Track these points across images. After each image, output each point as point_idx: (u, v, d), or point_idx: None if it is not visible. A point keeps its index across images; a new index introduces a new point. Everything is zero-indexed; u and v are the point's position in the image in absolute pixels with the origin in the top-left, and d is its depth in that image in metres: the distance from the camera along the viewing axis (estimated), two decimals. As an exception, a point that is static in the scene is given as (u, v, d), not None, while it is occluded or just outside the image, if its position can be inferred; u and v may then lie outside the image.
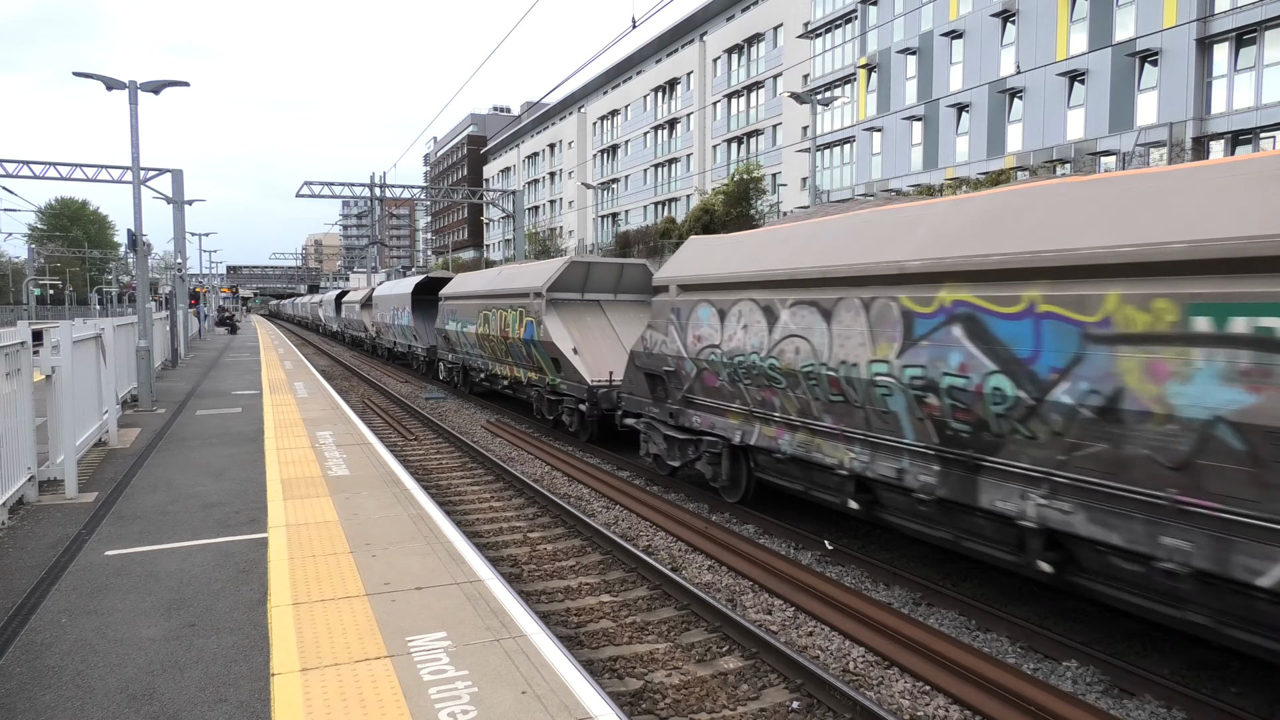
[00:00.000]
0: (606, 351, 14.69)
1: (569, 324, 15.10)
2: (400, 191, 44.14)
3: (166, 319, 26.76)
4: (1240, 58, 26.85)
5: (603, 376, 13.93)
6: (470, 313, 19.45)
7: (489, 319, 18.03)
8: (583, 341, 14.75)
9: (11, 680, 4.40)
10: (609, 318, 15.81)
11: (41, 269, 77.97)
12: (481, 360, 19.55)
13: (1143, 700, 5.47)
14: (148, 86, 17.52)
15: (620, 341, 14.91)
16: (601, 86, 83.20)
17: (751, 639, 6.19)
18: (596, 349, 14.74)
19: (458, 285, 21.64)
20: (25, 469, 8.06)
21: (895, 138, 40.47)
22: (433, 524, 7.31)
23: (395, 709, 4.04)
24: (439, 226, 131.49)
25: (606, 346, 14.93)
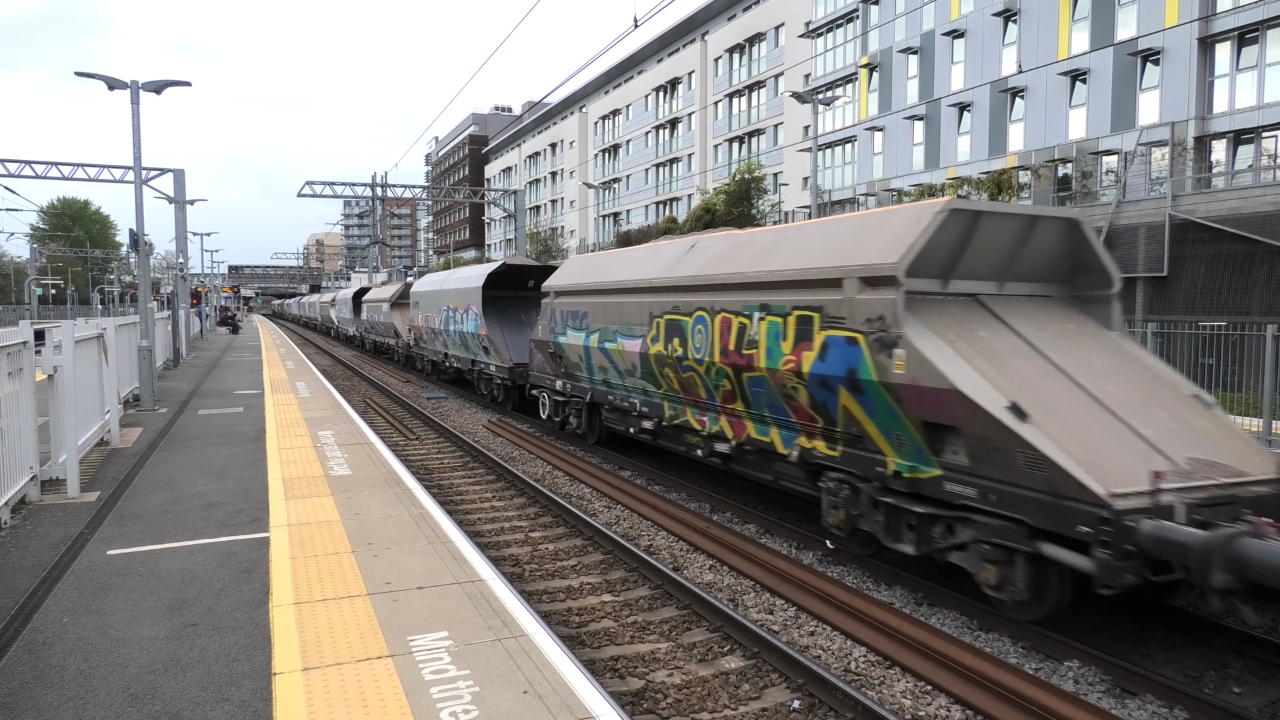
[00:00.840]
0: (1068, 404, 6.50)
1: (956, 342, 6.96)
2: (402, 191, 44.18)
3: (168, 319, 26.78)
4: (1242, 57, 26.82)
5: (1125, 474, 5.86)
6: (626, 317, 11.93)
7: (685, 330, 10.31)
8: (1009, 383, 6.52)
9: (14, 680, 4.41)
10: (1011, 325, 7.43)
11: (43, 269, 78.08)
12: (651, 399, 11.55)
13: (1144, 700, 5.47)
14: (150, 86, 17.53)
15: (1063, 373, 6.84)
16: (603, 86, 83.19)
17: (753, 639, 6.19)
18: (1044, 398, 6.49)
19: (593, 271, 13.77)
20: (27, 468, 8.07)
21: (897, 137, 40.45)
22: (434, 523, 7.31)
23: (397, 708, 4.04)
24: (440, 226, 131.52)
25: (1056, 390, 6.64)
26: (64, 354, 8.81)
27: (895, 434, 7.09)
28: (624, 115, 75.64)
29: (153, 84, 17.58)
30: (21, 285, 80.00)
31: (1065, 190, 30.09)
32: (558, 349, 14.29)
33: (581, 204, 79.89)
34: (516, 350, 17.94)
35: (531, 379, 16.08)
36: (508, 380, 17.99)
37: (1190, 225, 22.65)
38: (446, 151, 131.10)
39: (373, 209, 76.55)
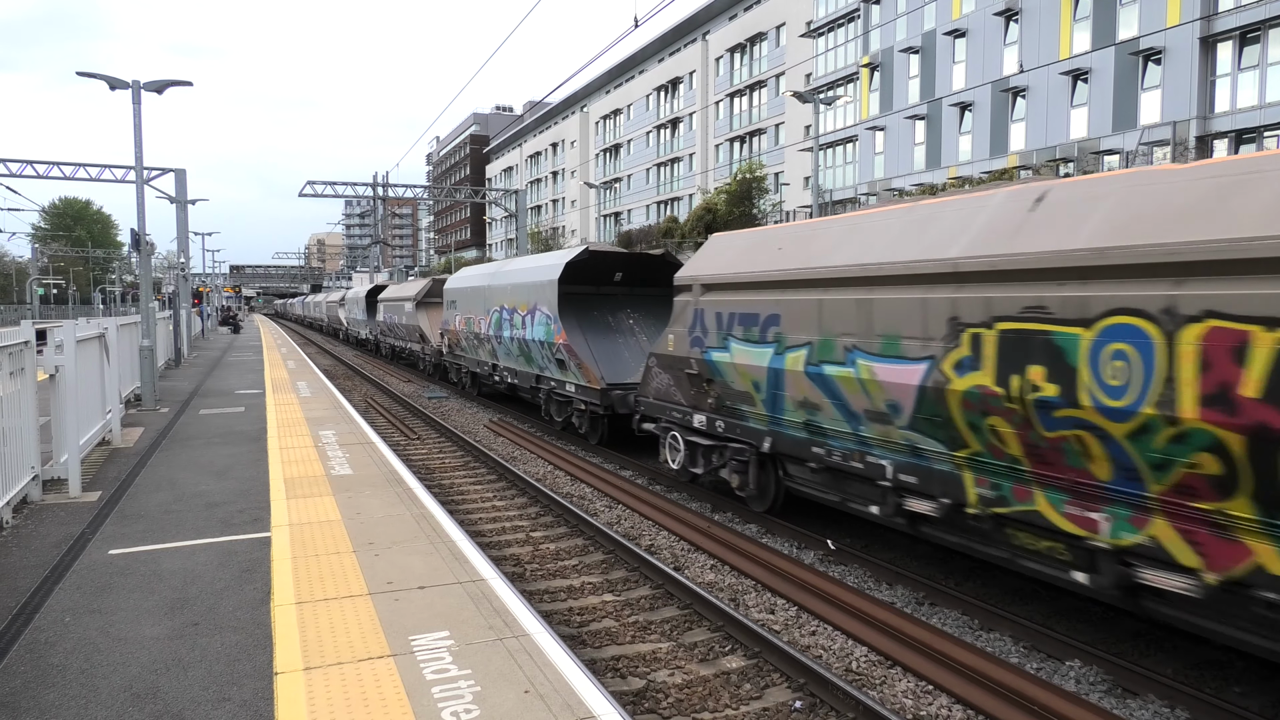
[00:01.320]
0: None
1: None
2: (403, 191, 44.21)
3: (170, 318, 26.80)
4: (1244, 56, 26.79)
5: None
6: (882, 324, 7.20)
7: (1066, 351, 5.60)
8: None
9: (16, 679, 4.41)
10: None
11: (45, 268, 78.18)
12: (933, 465, 6.93)
13: (1146, 700, 5.46)
14: (151, 86, 17.55)
15: None
16: (604, 86, 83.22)
17: (754, 638, 6.19)
18: None
19: (784, 250, 8.90)
20: (29, 468, 8.08)
21: (898, 137, 40.43)
22: (435, 523, 7.31)
23: (398, 708, 4.04)
24: (442, 226, 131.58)
25: None
26: (65, 354, 8.81)
27: None
28: (625, 115, 75.65)
29: (154, 84, 17.59)
30: (23, 285, 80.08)
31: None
32: (708, 370, 9.72)
33: (583, 204, 79.90)
34: (609, 366, 13.65)
35: (643, 408, 11.62)
36: (598, 407, 13.34)
37: (1192, 225, 22.58)
38: (448, 151, 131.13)
39: (374, 209, 76.62)
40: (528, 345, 15.80)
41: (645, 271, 15.49)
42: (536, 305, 15.22)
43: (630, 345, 14.73)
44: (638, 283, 15.58)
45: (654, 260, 15.57)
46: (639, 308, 15.50)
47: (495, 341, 17.75)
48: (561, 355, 14.25)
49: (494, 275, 18.54)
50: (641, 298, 15.63)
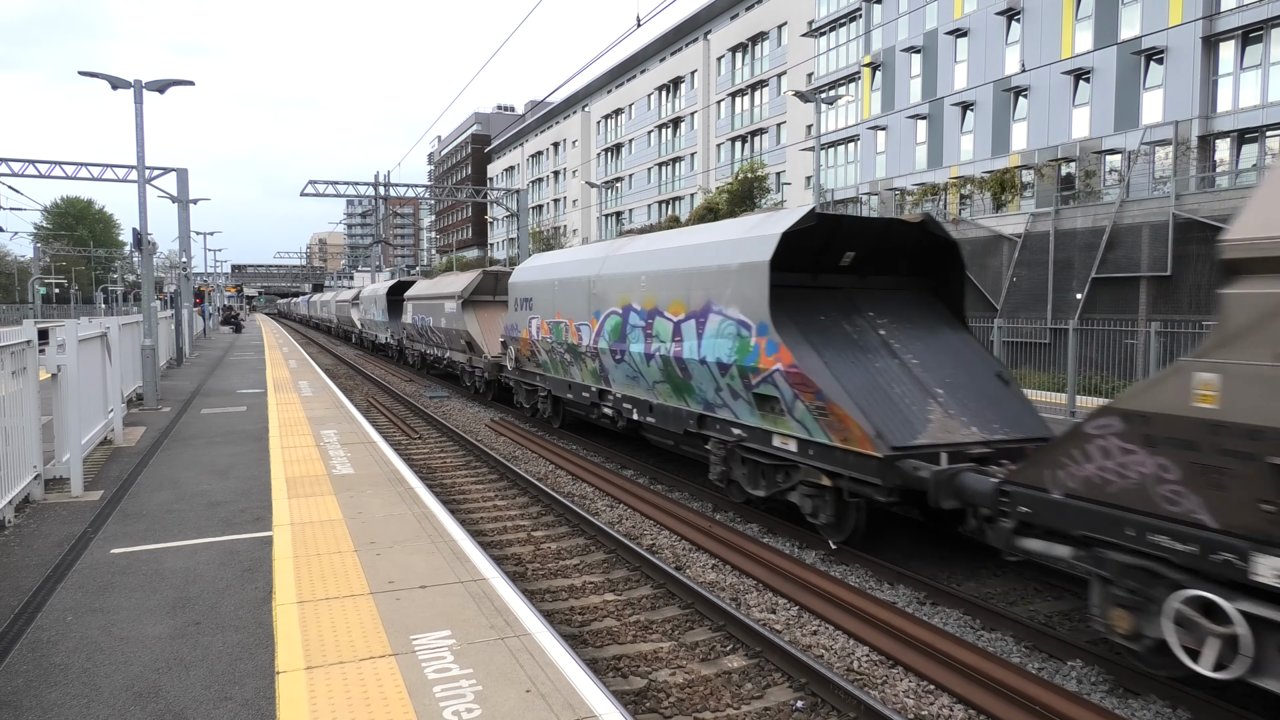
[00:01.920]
0: None
1: None
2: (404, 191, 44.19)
3: (171, 318, 26.82)
4: (1246, 56, 26.76)
5: None
6: None
7: None
8: None
9: (18, 678, 4.42)
10: None
11: (47, 268, 78.25)
12: None
13: (1147, 700, 5.46)
14: (153, 86, 17.56)
15: None
16: (605, 85, 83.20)
17: (755, 638, 6.19)
18: None
19: None
20: (31, 467, 8.09)
21: (900, 136, 40.41)
22: (437, 523, 7.32)
23: (400, 707, 4.04)
24: (443, 225, 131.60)
25: None
26: (67, 353, 8.82)
27: None
28: (626, 114, 75.63)
29: (156, 83, 17.61)
30: (25, 284, 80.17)
31: (1069, 189, 30.05)
32: None
33: (584, 203, 79.90)
34: (881, 415, 7.90)
35: (1065, 520, 5.88)
36: (872, 488, 7.71)
37: (1194, 225, 22.60)
38: (449, 151, 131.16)
39: (375, 208, 76.63)
40: (684, 367, 10.21)
41: (888, 252, 9.95)
42: (712, 303, 9.67)
43: (892, 375, 8.55)
44: (872, 270, 10.01)
45: (906, 232, 9.81)
46: (884, 309, 9.56)
47: (609, 358, 12.27)
48: (775, 390, 8.58)
49: (605, 260, 12.82)
50: (880, 293, 9.90)
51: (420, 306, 25.55)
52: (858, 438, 7.68)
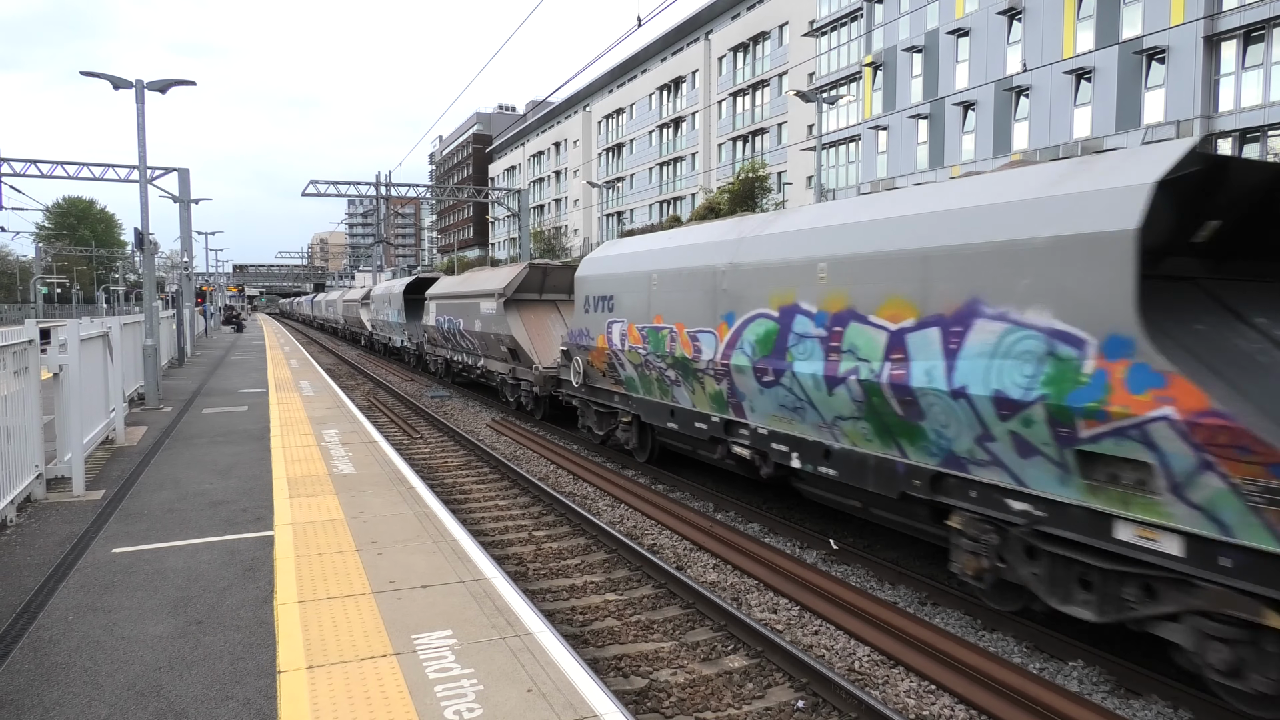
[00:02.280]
0: None
1: None
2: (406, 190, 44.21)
3: (173, 317, 26.84)
4: (1248, 55, 26.74)
5: None
6: None
7: None
8: None
9: (20, 677, 4.42)
10: None
11: (49, 267, 78.34)
12: None
13: (1149, 700, 5.46)
14: (154, 86, 17.57)
15: None
16: (607, 85, 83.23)
17: (756, 638, 6.19)
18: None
19: None
20: (33, 466, 8.10)
21: (901, 136, 40.39)
22: (438, 522, 7.32)
23: (401, 706, 4.04)
24: (444, 225, 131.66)
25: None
26: (69, 353, 8.83)
27: None
28: (628, 114, 75.65)
29: (158, 83, 17.62)
30: (27, 284, 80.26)
31: (1070, 189, 30.01)
32: None
33: (585, 203, 79.92)
34: None
35: None
36: None
37: (1195, 224, 22.55)
38: (450, 150, 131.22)
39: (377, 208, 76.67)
40: (910, 401, 6.77)
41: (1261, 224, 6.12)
42: (983, 302, 6.18)
43: None
44: (1234, 250, 6.18)
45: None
46: (1271, 311, 5.88)
47: (749, 379, 8.89)
48: (1143, 449, 5.17)
49: (740, 243, 9.36)
50: (1254, 286, 6.18)
51: (447, 306, 22.12)
52: None
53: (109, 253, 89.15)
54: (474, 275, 22.11)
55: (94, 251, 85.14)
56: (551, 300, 17.98)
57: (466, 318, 20.33)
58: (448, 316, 22.19)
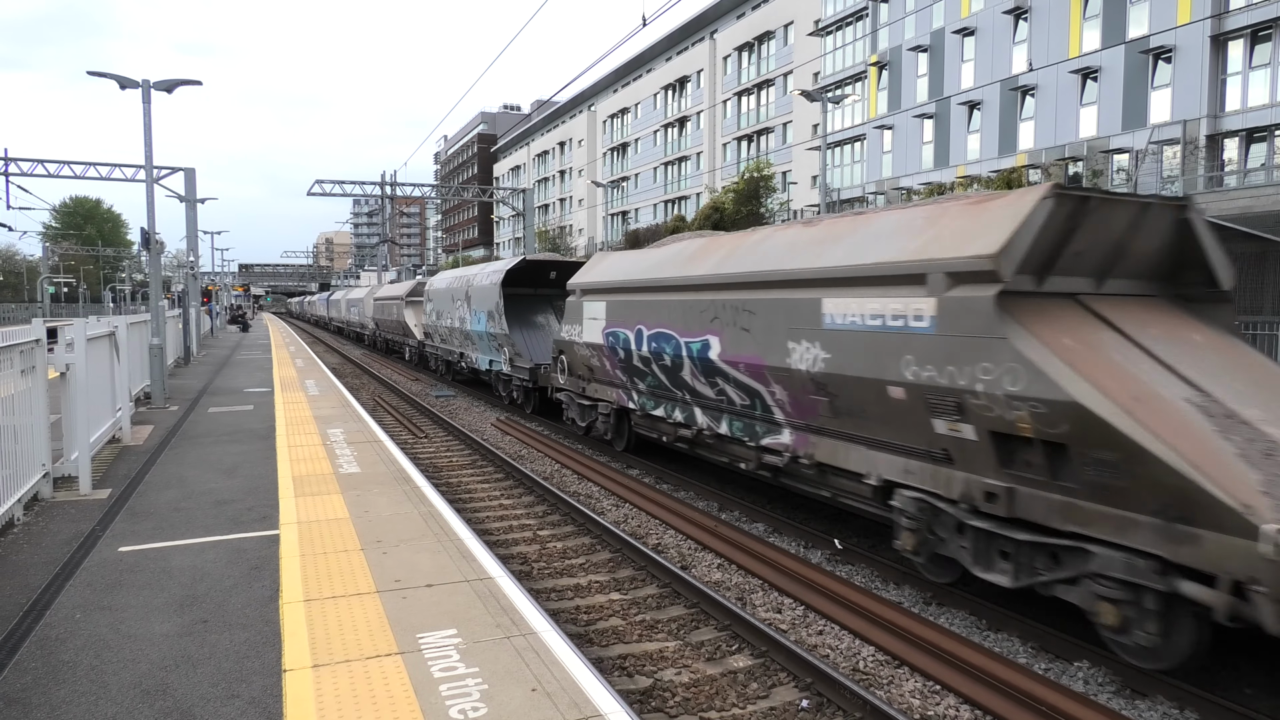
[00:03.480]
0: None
1: None
2: (411, 190, 44.29)
3: (179, 317, 26.91)
4: (1255, 54, 26.64)
5: None
6: None
7: None
8: None
9: (27, 675, 4.44)
10: None
11: (56, 267, 78.62)
12: None
13: (1155, 701, 5.44)
14: (161, 85, 17.61)
15: None
16: (611, 84, 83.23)
17: (761, 637, 6.18)
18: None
19: None
20: (40, 465, 8.13)
21: (906, 135, 40.33)
22: (443, 521, 7.33)
23: (406, 705, 4.05)
24: (449, 225, 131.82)
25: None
26: (76, 352, 8.86)
27: None
28: (632, 114, 75.64)
29: (164, 83, 17.66)
30: (34, 283, 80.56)
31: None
32: None
33: (590, 202, 79.94)
34: None
35: None
36: None
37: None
38: (455, 150, 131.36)
39: (382, 208, 76.78)
40: None
41: None
42: None
43: None
44: None
45: None
46: None
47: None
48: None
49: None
50: None
51: (657, 308, 11.00)
52: None
53: (115, 252, 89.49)
54: (599, 265, 13.68)
55: (100, 251, 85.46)
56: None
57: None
58: (652, 325, 11.10)
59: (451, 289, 22.44)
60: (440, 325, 23.88)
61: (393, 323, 31.72)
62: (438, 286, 24.29)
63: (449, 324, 22.72)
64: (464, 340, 21.63)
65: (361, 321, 41.89)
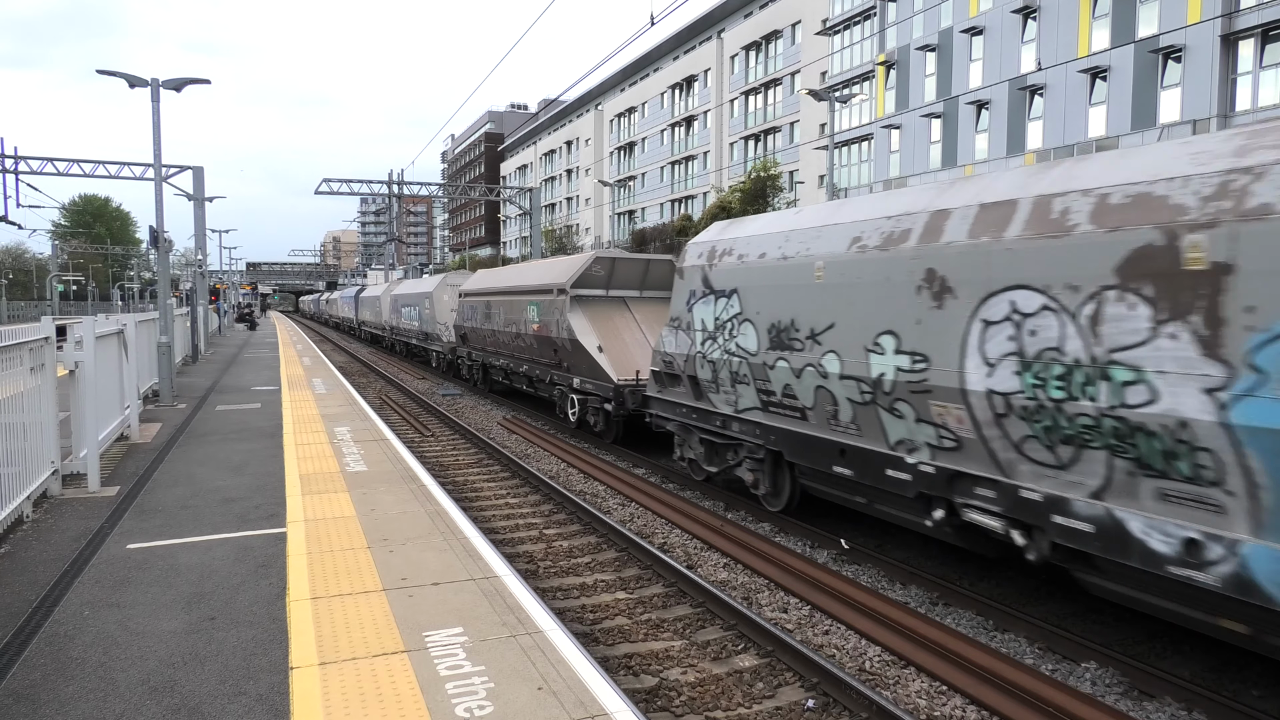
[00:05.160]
0: None
1: None
2: (418, 189, 44.33)
3: (187, 315, 27.00)
4: (1266, 54, 26.49)
5: None
6: None
7: None
8: None
9: (36, 671, 4.46)
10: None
11: (65, 265, 78.97)
12: None
13: (1162, 702, 5.42)
14: (170, 84, 17.67)
15: None
16: (619, 84, 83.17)
17: (767, 637, 6.18)
18: None
19: None
20: (49, 463, 8.16)
21: (914, 135, 40.22)
22: (449, 520, 7.34)
23: (412, 703, 4.06)
24: (456, 224, 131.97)
25: None
26: (85, 350, 8.90)
27: None
28: (639, 113, 75.60)
29: (173, 82, 17.72)
30: (43, 281, 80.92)
31: (1084, 188, 29.82)
32: None
33: (597, 201, 79.92)
34: None
35: None
36: None
37: (1211, 224, 22.37)
38: (462, 149, 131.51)
39: (389, 207, 76.86)
40: None
41: None
42: None
43: None
44: None
45: None
46: None
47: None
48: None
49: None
50: None
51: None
52: None
53: (124, 250, 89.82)
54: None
55: (109, 249, 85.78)
56: None
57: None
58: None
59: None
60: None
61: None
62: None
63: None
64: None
65: (410, 327, 31.08)
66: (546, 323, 15.88)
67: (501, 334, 18.76)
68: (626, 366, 13.75)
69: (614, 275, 15.44)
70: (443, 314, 25.60)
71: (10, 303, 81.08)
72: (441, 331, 25.77)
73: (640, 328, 14.87)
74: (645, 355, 13.32)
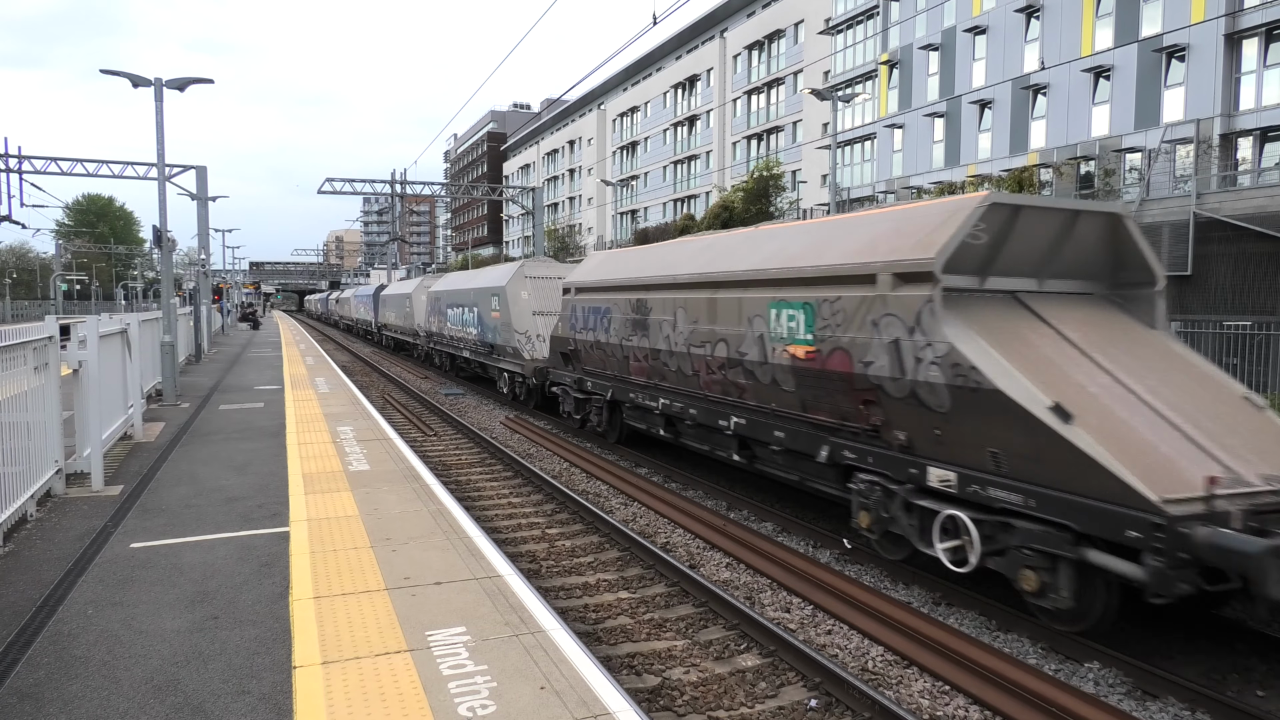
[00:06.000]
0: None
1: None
2: (421, 188, 44.35)
3: (190, 314, 27.03)
4: (1270, 53, 26.44)
5: None
6: None
7: None
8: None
9: (40, 670, 4.48)
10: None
11: (68, 264, 79.06)
12: None
13: (1166, 703, 5.41)
14: (173, 84, 17.69)
15: None
16: (621, 83, 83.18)
17: (770, 637, 6.18)
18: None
19: None
20: (53, 462, 8.18)
21: (917, 134, 40.19)
22: (452, 519, 7.35)
23: (415, 702, 4.07)
24: (459, 223, 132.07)
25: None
26: (88, 349, 8.91)
27: None
28: (642, 112, 75.60)
29: (176, 81, 17.74)
30: (47, 280, 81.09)
31: (1088, 188, 29.80)
32: None
33: (599, 201, 79.93)
34: None
35: None
36: None
37: (1215, 224, 22.37)
38: (465, 149, 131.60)
39: (392, 206, 76.92)
40: None
41: None
42: None
43: None
44: None
45: None
46: None
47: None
48: None
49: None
50: None
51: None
52: None
53: (128, 250, 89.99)
54: None
55: (113, 248, 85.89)
56: None
57: None
58: None
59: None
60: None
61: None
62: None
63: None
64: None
65: (465, 335, 23.47)
66: (860, 345, 7.76)
67: (676, 356, 11.36)
68: (1155, 461, 5.81)
69: (1007, 243, 7.32)
70: (522, 318, 18.95)
71: (14, 302, 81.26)
72: (520, 343, 18.79)
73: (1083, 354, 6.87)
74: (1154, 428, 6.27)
